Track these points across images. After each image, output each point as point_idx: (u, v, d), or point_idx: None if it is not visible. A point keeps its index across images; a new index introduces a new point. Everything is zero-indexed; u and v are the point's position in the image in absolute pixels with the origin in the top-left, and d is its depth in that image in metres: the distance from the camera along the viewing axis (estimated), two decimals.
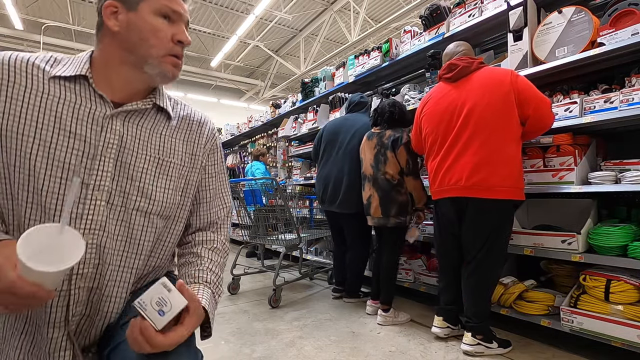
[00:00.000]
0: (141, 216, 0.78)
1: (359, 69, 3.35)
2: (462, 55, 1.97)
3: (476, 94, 1.81)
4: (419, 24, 3.14)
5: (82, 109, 0.72)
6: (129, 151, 0.76)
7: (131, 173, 0.76)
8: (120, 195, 0.75)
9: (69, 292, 0.70)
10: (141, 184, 0.77)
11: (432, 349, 1.93)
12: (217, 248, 0.90)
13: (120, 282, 0.77)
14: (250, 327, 2.27)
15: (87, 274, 0.71)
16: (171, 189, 0.83)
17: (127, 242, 0.77)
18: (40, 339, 0.71)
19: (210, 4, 8.14)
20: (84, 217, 0.70)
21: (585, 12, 1.83)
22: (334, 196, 2.68)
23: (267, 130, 5.87)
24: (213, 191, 0.94)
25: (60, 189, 0.69)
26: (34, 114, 0.68)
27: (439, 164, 1.93)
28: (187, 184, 0.87)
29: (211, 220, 0.93)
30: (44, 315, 0.69)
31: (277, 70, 11.57)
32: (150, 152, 0.80)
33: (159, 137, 0.82)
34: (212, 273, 0.84)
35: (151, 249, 0.82)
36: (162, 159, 0.82)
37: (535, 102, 1.75)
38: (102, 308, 0.75)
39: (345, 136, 2.70)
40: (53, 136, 0.69)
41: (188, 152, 0.88)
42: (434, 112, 1.98)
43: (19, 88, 0.69)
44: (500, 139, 1.76)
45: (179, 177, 0.85)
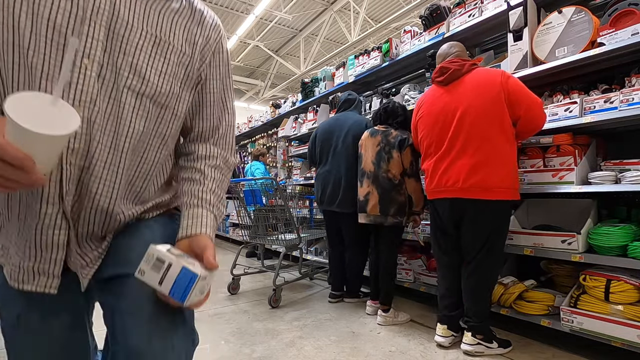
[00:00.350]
0: (132, 96, 0.72)
1: (359, 69, 3.35)
2: (454, 57, 1.98)
3: (468, 96, 1.83)
4: (419, 24, 3.14)
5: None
6: (122, 22, 0.69)
7: (124, 47, 0.70)
8: (112, 70, 0.69)
9: (61, 166, 0.66)
10: (135, 60, 0.71)
11: (432, 349, 1.93)
12: (219, 166, 0.86)
13: (110, 165, 0.72)
14: (250, 327, 2.27)
15: (77, 150, 0.67)
16: (168, 74, 0.76)
17: (117, 122, 0.71)
18: (32, 217, 0.68)
19: (210, 4, 8.14)
20: (74, 85, 0.65)
21: (585, 12, 1.83)
22: (334, 196, 2.69)
23: (267, 130, 5.87)
24: (217, 95, 0.87)
25: (46, 48, 0.63)
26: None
27: (435, 165, 1.95)
28: (186, 75, 0.80)
29: (214, 125, 0.87)
30: (37, 192, 0.67)
31: (277, 70, 11.57)
32: (146, 27, 0.73)
33: (157, 14, 0.75)
34: (215, 195, 0.83)
35: (142, 139, 0.76)
36: (160, 37, 0.75)
37: (527, 103, 1.76)
38: (91, 189, 0.71)
39: (339, 135, 2.72)
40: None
41: (189, 41, 0.80)
42: (429, 116, 2.00)
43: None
44: (495, 141, 1.77)
45: (178, 63, 0.78)
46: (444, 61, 1.99)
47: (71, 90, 0.65)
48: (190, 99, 0.83)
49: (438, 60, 2.08)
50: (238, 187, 3.24)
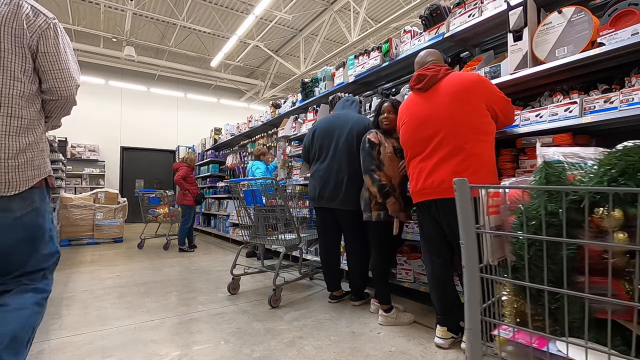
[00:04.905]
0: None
1: (359, 69, 3.35)
2: (430, 64, 2.02)
3: (445, 100, 1.87)
4: (419, 24, 3.14)
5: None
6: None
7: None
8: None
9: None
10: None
11: (432, 349, 1.93)
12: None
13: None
14: (250, 327, 2.27)
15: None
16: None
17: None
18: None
19: (210, 4, 8.14)
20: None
21: (585, 12, 1.83)
22: (336, 193, 2.64)
23: (267, 130, 5.87)
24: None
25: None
26: None
27: (419, 169, 1.98)
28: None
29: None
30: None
31: (277, 70, 11.56)
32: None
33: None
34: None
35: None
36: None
37: (501, 104, 1.86)
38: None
39: (341, 133, 2.70)
40: None
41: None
42: (409, 121, 2.04)
43: None
44: (475, 142, 1.80)
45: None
46: (420, 68, 2.03)
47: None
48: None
49: (415, 68, 2.13)
50: (238, 187, 3.24)
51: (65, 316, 2.51)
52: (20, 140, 1.21)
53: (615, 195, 0.57)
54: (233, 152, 7.17)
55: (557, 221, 0.61)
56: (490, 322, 0.67)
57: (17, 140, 1.20)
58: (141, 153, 11.41)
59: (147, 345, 2.03)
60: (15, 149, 1.19)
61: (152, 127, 11.47)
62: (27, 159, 1.23)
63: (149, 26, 9.16)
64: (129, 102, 11.22)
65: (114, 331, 2.23)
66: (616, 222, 0.58)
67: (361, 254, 2.68)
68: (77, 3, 8.05)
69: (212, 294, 3.06)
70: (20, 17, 1.20)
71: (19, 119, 1.21)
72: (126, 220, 6.82)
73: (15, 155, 1.19)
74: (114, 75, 10.97)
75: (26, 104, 1.24)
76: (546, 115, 1.93)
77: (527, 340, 0.60)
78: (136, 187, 10.92)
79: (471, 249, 0.67)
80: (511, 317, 0.68)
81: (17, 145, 1.20)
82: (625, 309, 0.56)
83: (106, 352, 1.94)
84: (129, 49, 8.78)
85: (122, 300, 2.88)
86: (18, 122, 1.21)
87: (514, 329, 0.63)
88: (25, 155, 1.22)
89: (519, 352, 0.59)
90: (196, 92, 12.43)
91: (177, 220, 5.82)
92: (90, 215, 6.20)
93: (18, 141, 1.20)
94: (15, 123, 1.20)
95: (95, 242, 6.28)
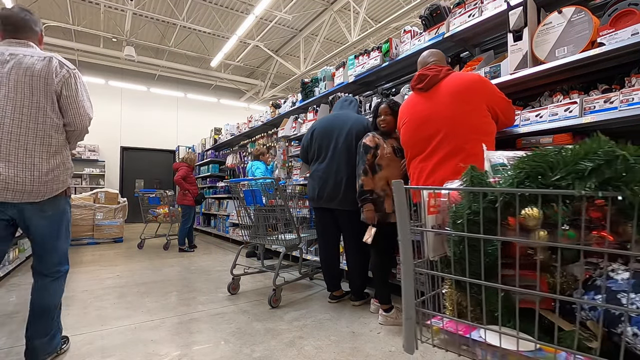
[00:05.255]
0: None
1: (359, 69, 3.35)
2: (432, 65, 2.02)
3: (446, 100, 1.88)
4: (419, 24, 3.14)
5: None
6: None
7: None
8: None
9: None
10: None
11: (432, 349, 1.93)
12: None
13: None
14: (250, 327, 2.27)
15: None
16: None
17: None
18: None
19: (210, 4, 8.14)
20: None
21: (585, 12, 1.83)
22: (335, 193, 2.65)
23: (267, 130, 5.87)
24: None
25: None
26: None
27: (421, 169, 1.98)
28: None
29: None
30: None
31: (277, 70, 11.56)
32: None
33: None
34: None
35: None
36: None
37: (502, 104, 1.86)
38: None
39: (341, 133, 2.70)
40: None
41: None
42: (410, 121, 2.04)
43: None
44: (475, 142, 1.80)
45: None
46: (422, 68, 2.04)
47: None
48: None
49: (418, 67, 2.13)
50: (238, 187, 3.24)
51: (65, 316, 2.51)
52: (50, 161, 1.61)
53: (522, 195, 0.62)
54: (233, 152, 7.16)
55: (479, 219, 0.66)
56: (423, 312, 0.74)
57: (48, 161, 1.60)
58: (141, 153, 11.41)
59: (147, 345, 2.03)
60: (46, 169, 1.60)
61: (152, 127, 11.47)
62: (55, 176, 1.63)
63: (149, 26, 9.16)
64: (129, 102, 11.23)
65: (114, 331, 2.23)
66: (536, 221, 0.62)
67: (360, 254, 2.68)
68: (77, 3, 8.05)
69: (212, 294, 3.06)
70: (51, 70, 1.60)
71: (50, 146, 1.61)
72: (126, 220, 6.82)
73: (46, 174, 1.60)
74: (114, 75, 10.98)
75: (55, 134, 1.63)
76: (546, 115, 1.93)
77: (454, 329, 0.66)
78: (136, 187, 10.92)
79: (406, 245, 0.72)
80: (451, 308, 0.73)
81: (48, 166, 1.60)
82: (544, 299, 0.62)
83: (106, 352, 1.94)
84: (129, 49, 8.78)
85: (122, 300, 2.88)
86: (49, 149, 1.60)
87: (443, 319, 0.70)
88: (53, 173, 1.62)
89: (449, 339, 0.67)
90: (196, 92, 12.43)
91: (177, 220, 5.82)
92: (90, 215, 6.20)
93: (49, 162, 1.61)
94: (47, 149, 1.60)
95: (95, 242, 6.28)
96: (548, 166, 0.60)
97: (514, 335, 0.60)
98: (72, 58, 10.09)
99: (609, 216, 0.54)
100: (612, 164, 0.52)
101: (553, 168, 0.59)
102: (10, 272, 3.82)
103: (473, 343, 0.63)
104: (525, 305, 0.63)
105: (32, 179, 1.56)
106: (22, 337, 1.84)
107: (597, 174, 0.53)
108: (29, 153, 1.55)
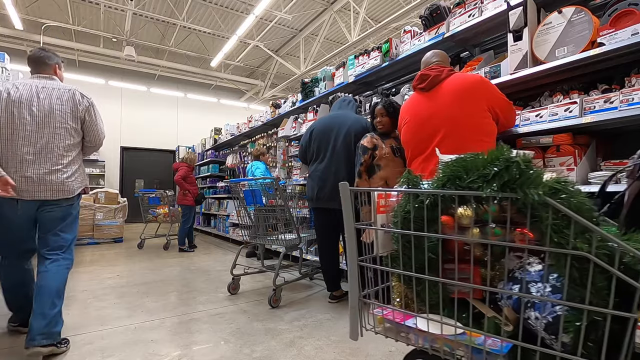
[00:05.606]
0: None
1: (359, 69, 3.35)
2: (434, 65, 2.02)
3: (447, 100, 1.88)
4: (419, 24, 3.14)
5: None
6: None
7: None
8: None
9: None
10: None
11: None
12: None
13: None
14: (250, 327, 2.27)
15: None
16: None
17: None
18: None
19: (210, 4, 8.14)
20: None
21: (585, 12, 1.83)
22: (334, 193, 2.63)
23: (267, 130, 5.87)
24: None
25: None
26: None
27: (422, 169, 1.98)
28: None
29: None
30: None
31: (277, 70, 11.56)
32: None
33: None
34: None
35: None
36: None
37: (503, 106, 1.86)
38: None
39: (339, 133, 2.70)
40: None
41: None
42: (411, 121, 2.05)
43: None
44: (476, 142, 1.80)
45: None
46: (424, 68, 2.04)
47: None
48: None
49: (421, 67, 2.13)
50: (238, 187, 3.24)
51: (66, 316, 2.50)
52: (69, 169, 2.05)
53: (444, 196, 0.69)
54: (233, 152, 7.16)
55: (410, 216, 0.73)
56: (369, 302, 0.81)
57: (68, 168, 2.05)
58: (141, 153, 11.41)
59: (147, 345, 2.03)
60: (66, 175, 2.04)
61: (152, 127, 11.47)
62: (74, 179, 2.08)
63: (149, 26, 9.16)
64: (129, 102, 11.23)
65: (114, 331, 2.23)
66: (468, 219, 0.69)
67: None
68: (77, 3, 8.05)
69: (212, 294, 3.06)
70: (75, 100, 2.08)
71: (69, 157, 2.06)
72: (126, 220, 6.82)
73: (67, 178, 2.04)
74: (114, 75, 10.98)
75: (75, 148, 2.11)
76: (546, 115, 1.93)
77: (392, 317, 0.74)
78: (136, 187, 10.92)
79: (351, 241, 0.79)
80: (398, 299, 0.79)
81: (68, 173, 2.05)
82: (476, 290, 0.69)
83: (106, 352, 1.94)
84: (129, 49, 8.78)
85: (122, 300, 2.88)
86: (68, 160, 2.05)
87: (383, 309, 0.77)
88: (71, 177, 2.07)
89: (389, 327, 0.73)
90: (196, 92, 12.43)
91: (177, 220, 5.82)
92: (90, 215, 6.20)
93: (69, 169, 2.05)
94: (66, 160, 2.04)
95: (95, 242, 6.27)
96: (464, 170, 0.65)
97: (438, 321, 0.67)
98: (72, 58, 10.10)
99: (509, 215, 0.62)
100: (510, 169, 0.61)
101: (468, 172, 0.65)
102: None
103: (408, 329, 0.71)
104: (461, 296, 0.70)
105: (59, 181, 2.03)
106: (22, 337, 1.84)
107: (498, 178, 0.61)
108: (56, 163, 2.01)
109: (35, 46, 8.92)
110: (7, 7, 7.02)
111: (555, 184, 0.61)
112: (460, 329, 0.65)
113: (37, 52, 2.14)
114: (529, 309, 0.61)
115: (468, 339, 0.62)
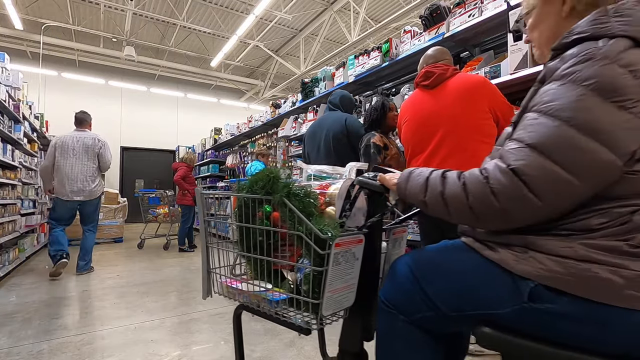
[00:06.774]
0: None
1: (359, 69, 3.35)
2: (440, 63, 2.00)
3: (449, 99, 1.87)
4: (419, 24, 3.14)
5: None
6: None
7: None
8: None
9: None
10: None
11: None
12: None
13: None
14: (250, 327, 2.27)
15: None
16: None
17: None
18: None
19: (210, 4, 8.14)
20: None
21: None
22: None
23: (267, 130, 5.87)
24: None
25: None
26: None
27: (423, 166, 1.97)
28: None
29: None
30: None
31: (277, 70, 11.56)
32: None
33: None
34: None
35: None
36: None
37: (504, 108, 1.85)
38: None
39: (321, 137, 2.74)
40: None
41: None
42: (412, 119, 2.03)
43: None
44: (476, 143, 1.80)
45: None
46: (428, 66, 2.02)
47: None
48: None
49: (425, 61, 2.10)
50: None
51: (66, 316, 2.51)
52: (94, 182, 3.96)
53: (247, 198, 0.98)
54: (233, 152, 7.17)
55: (244, 212, 1.01)
56: (216, 273, 1.09)
57: (92, 181, 3.94)
58: (141, 153, 11.41)
59: (147, 345, 2.03)
60: (92, 186, 3.93)
61: (152, 127, 11.47)
62: (97, 188, 4.00)
63: (149, 26, 9.16)
64: (129, 102, 11.23)
65: (114, 331, 2.23)
66: (276, 216, 0.94)
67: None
68: (77, 3, 8.05)
69: None
70: (95, 143, 3.98)
71: (93, 177, 3.95)
72: (126, 220, 6.82)
73: (93, 188, 3.95)
74: (114, 75, 10.97)
75: (96, 170, 4.02)
76: None
77: (229, 283, 1.03)
78: (136, 187, 10.91)
79: (204, 231, 1.15)
80: (249, 271, 1.06)
81: (92, 185, 3.94)
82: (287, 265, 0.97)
83: (106, 352, 1.94)
84: (129, 49, 8.78)
85: (122, 300, 2.88)
86: (92, 179, 3.95)
87: (226, 279, 1.06)
88: (95, 188, 3.97)
89: (229, 291, 1.03)
90: (196, 92, 12.43)
91: (177, 220, 5.82)
92: None
93: (93, 182, 3.96)
94: (92, 178, 3.95)
95: (96, 242, 6.25)
96: (256, 181, 0.96)
97: (251, 283, 0.97)
98: (72, 58, 10.10)
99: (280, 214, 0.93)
100: (271, 182, 0.92)
101: (257, 182, 0.95)
102: (10, 272, 3.82)
103: (235, 290, 1.01)
104: (276, 267, 0.99)
105: (89, 189, 3.91)
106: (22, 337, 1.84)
107: (265, 186, 0.92)
108: (87, 180, 3.89)
109: (35, 46, 8.93)
110: (7, 7, 7.02)
111: (290, 188, 0.90)
112: (264, 289, 0.94)
113: (81, 115, 4.05)
114: (300, 273, 0.92)
115: (265, 294, 0.93)
